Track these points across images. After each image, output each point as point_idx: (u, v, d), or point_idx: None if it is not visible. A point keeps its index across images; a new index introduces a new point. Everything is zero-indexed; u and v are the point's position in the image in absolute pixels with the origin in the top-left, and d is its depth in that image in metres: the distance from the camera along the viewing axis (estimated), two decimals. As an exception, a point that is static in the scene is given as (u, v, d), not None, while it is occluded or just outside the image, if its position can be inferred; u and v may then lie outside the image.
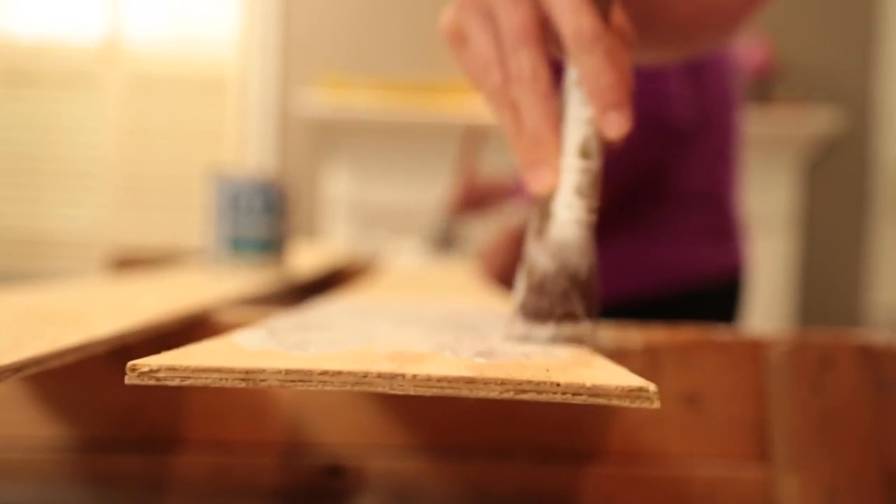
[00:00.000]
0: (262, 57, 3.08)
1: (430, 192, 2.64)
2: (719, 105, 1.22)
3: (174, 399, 0.53)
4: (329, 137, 2.92)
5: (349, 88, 2.88)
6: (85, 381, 0.52)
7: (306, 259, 1.21)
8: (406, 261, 1.56)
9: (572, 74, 0.41)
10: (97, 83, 3.12)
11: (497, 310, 0.60)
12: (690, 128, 1.15)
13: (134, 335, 0.39)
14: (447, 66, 3.01)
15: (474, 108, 2.56)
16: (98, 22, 3.13)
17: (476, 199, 1.66)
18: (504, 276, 1.27)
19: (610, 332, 0.54)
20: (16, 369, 0.28)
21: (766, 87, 2.90)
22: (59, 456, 0.51)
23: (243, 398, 0.54)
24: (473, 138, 1.71)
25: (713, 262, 1.22)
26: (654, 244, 1.20)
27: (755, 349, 0.54)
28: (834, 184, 3.06)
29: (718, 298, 1.24)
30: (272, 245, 0.96)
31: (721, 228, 1.24)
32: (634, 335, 0.54)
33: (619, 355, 0.53)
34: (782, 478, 0.51)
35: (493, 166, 1.77)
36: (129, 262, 1.34)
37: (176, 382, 0.27)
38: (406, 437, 0.54)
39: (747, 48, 2.77)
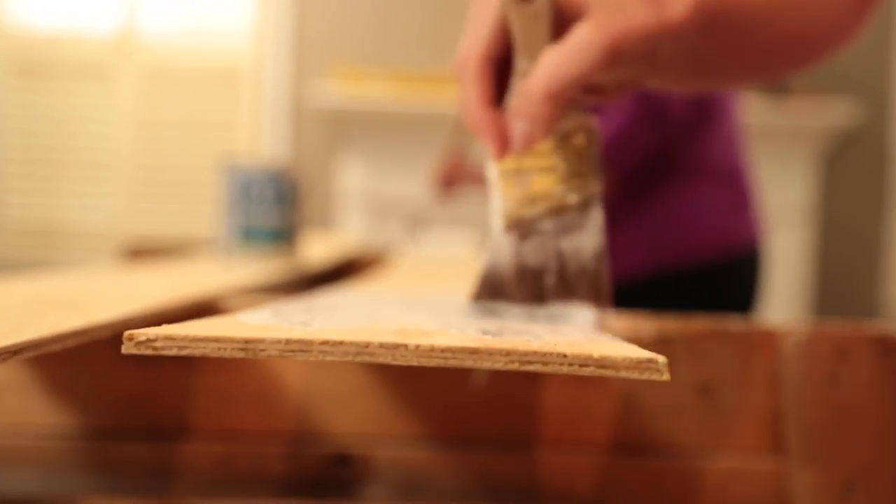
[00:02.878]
0: (276, 48, 3.08)
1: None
2: (727, 94, 1.28)
3: (181, 387, 0.53)
4: (343, 129, 2.92)
5: (363, 80, 2.87)
6: (92, 369, 0.52)
7: (318, 250, 1.21)
8: (420, 250, 1.56)
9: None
10: (112, 75, 3.12)
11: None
12: (687, 119, 1.19)
13: (138, 321, 0.39)
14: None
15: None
16: (113, 13, 3.14)
17: (459, 177, 1.73)
18: None
19: (622, 321, 0.54)
20: (13, 352, 0.27)
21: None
22: (66, 443, 0.51)
23: (251, 386, 0.53)
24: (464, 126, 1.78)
25: (738, 233, 1.27)
26: (683, 217, 1.24)
27: (769, 340, 0.53)
28: (851, 177, 3.03)
29: (746, 268, 1.28)
30: (284, 235, 0.95)
31: (742, 200, 1.28)
32: (646, 324, 0.54)
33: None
34: (796, 470, 0.51)
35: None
36: (141, 253, 1.34)
37: (173, 352, 0.26)
38: (414, 427, 0.53)
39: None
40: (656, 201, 1.23)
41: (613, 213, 1.24)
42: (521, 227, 0.43)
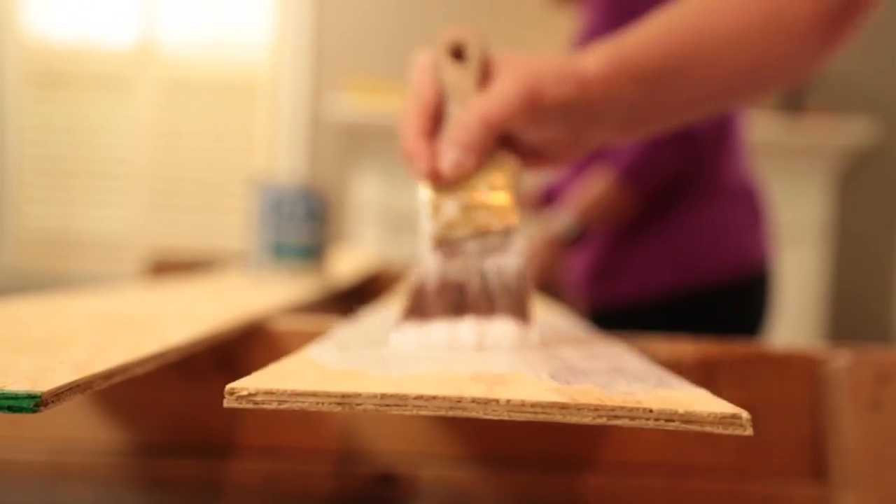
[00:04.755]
0: (293, 61, 3.10)
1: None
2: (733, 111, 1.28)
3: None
4: (359, 142, 2.93)
5: (380, 93, 2.89)
6: (142, 387, 0.53)
7: (344, 265, 1.22)
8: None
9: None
10: (131, 86, 3.15)
11: (547, 319, 0.60)
12: (712, 138, 1.19)
13: (203, 344, 0.40)
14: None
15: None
16: (132, 25, 3.17)
17: None
18: (539, 282, 1.29)
19: (664, 344, 0.54)
20: (106, 377, 0.28)
21: (799, 96, 2.88)
22: (117, 460, 0.52)
23: (297, 405, 0.54)
24: None
25: (755, 250, 1.27)
26: (704, 235, 1.24)
27: (810, 364, 0.53)
28: (866, 195, 3.03)
29: (760, 286, 1.28)
30: (313, 251, 0.96)
31: (757, 217, 1.29)
32: (688, 348, 0.54)
33: (672, 368, 0.53)
34: (838, 495, 0.51)
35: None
36: (166, 266, 1.35)
37: (273, 406, 0.27)
38: (459, 447, 0.54)
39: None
40: (677, 220, 1.24)
41: (635, 232, 1.25)
42: (447, 247, 0.47)
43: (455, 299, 0.45)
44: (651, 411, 0.27)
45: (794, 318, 2.80)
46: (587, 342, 0.47)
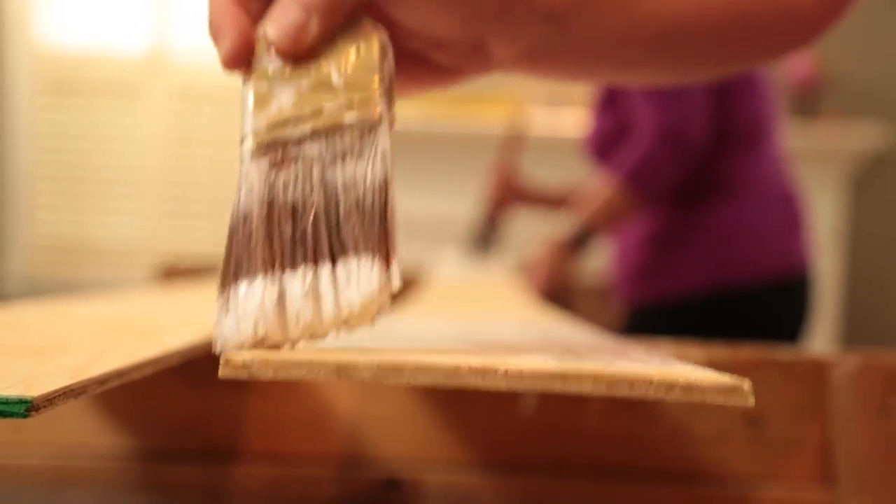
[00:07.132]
0: (304, 68, 3.10)
1: (471, 202, 2.64)
2: (769, 115, 1.29)
3: (234, 411, 0.54)
4: (370, 148, 2.94)
5: (390, 100, 2.89)
6: (146, 392, 0.53)
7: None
8: (448, 270, 1.56)
9: None
10: (142, 94, 3.16)
11: (553, 324, 0.59)
12: (708, 143, 1.23)
13: (204, 348, 0.40)
14: (488, 78, 3.00)
15: (518, 117, 2.57)
16: (143, 33, 3.18)
17: (512, 195, 1.68)
18: (549, 288, 1.30)
19: (670, 349, 0.54)
20: (100, 382, 0.28)
21: (812, 100, 2.87)
22: (121, 465, 0.52)
23: (302, 410, 0.54)
24: (514, 142, 1.77)
25: (793, 255, 1.30)
26: (741, 237, 1.27)
27: (819, 369, 0.53)
28: (880, 200, 3.01)
29: (799, 292, 1.30)
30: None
31: (796, 224, 1.31)
32: (695, 351, 0.54)
33: (679, 373, 0.53)
34: (846, 501, 0.51)
35: (534, 176, 1.80)
36: (176, 272, 1.36)
37: (269, 375, 0.26)
38: (463, 452, 0.54)
39: (793, 61, 2.74)
40: (714, 222, 1.27)
41: (673, 233, 1.27)
42: (276, 151, 0.32)
43: (288, 236, 0.32)
44: (651, 381, 0.26)
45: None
46: (591, 339, 0.47)
